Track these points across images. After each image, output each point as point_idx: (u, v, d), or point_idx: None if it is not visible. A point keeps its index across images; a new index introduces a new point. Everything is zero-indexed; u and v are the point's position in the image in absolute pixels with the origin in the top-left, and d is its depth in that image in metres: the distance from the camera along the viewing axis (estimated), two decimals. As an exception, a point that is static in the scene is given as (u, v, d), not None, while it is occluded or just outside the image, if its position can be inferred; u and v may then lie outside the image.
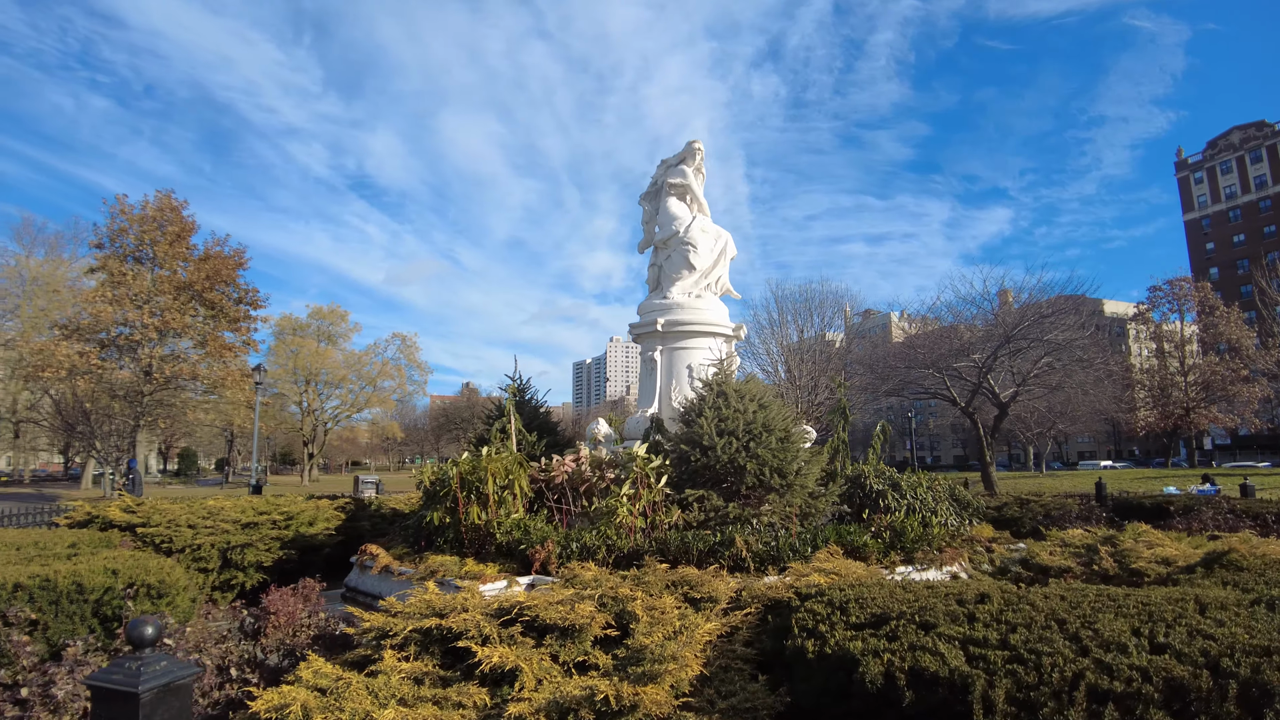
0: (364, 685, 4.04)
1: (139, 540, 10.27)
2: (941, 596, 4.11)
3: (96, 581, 5.60)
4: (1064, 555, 7.17)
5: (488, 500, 9.65)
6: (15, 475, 63.30)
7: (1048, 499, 16.24)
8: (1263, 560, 5.82)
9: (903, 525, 9.37)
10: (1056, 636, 3.38)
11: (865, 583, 4.81)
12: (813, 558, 7.39)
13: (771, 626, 4.48)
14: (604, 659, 4.33)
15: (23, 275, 43.65)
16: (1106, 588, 4.46)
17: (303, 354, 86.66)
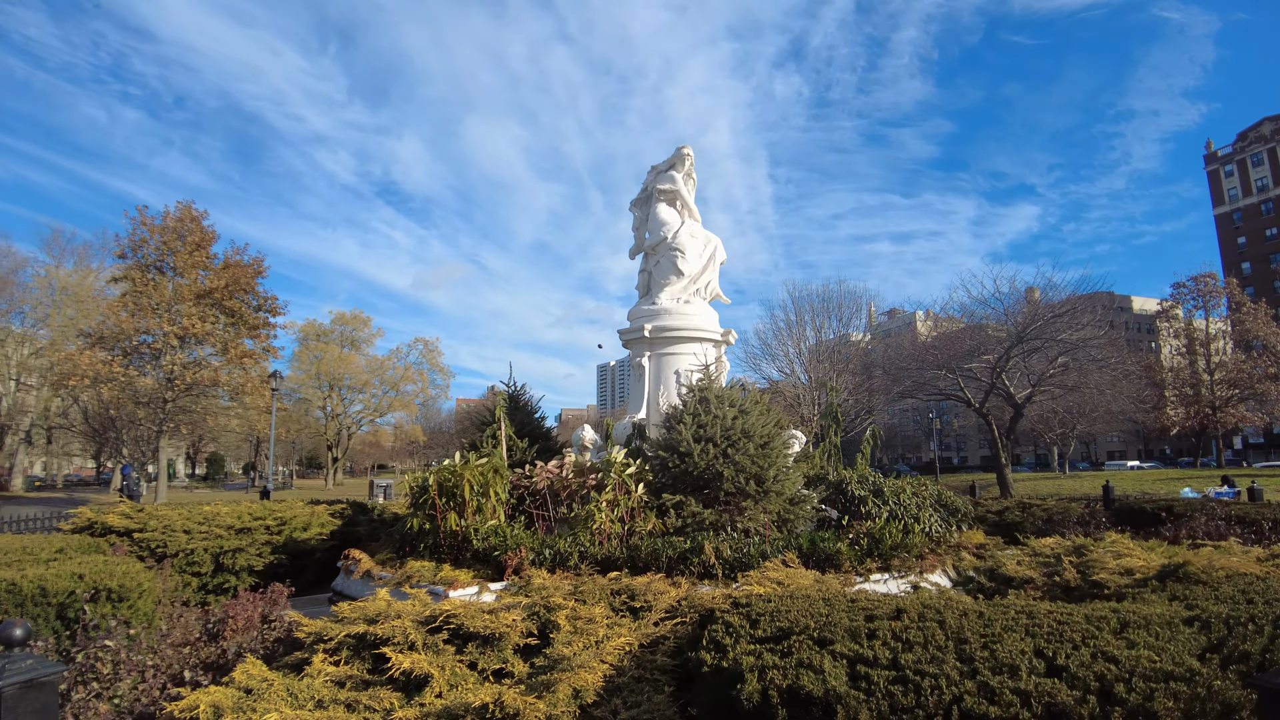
0: (285, 687, 4.15)
1: (135, 545, 10.55)
2: (854, 610, 4.11)
3: (60, 585, 5.80)
4: (1030, 566, 7.09)
5: (465, 507, 9.78)
6: (49, 480, 65.10)
7: (1051, 503, 15.99)
8: (1222, 574, 5.72)
9: (881, 532, 9.31)
10: (950, 657, 3.37)
11: (795, 594, 4.82)
12: (763, 566, 7.37)
13: (693, 637, 4.51)
14: (521, 667, 4.41)
15: (52, 285, 44.90)
16: (1034, 603, 4.43)
17: (326, 359, 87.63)
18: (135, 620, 6.00)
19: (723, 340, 13.47)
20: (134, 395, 34.33)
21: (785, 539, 9.14)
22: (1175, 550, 7.68)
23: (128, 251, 36.22)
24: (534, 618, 4.89)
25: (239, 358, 39.62)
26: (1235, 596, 4.79)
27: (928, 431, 79.57)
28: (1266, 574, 6.04)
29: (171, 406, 36.89)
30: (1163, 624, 3.90)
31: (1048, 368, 26.10)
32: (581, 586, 5.80)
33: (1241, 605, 4.44)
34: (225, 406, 46.94)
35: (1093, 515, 14.09)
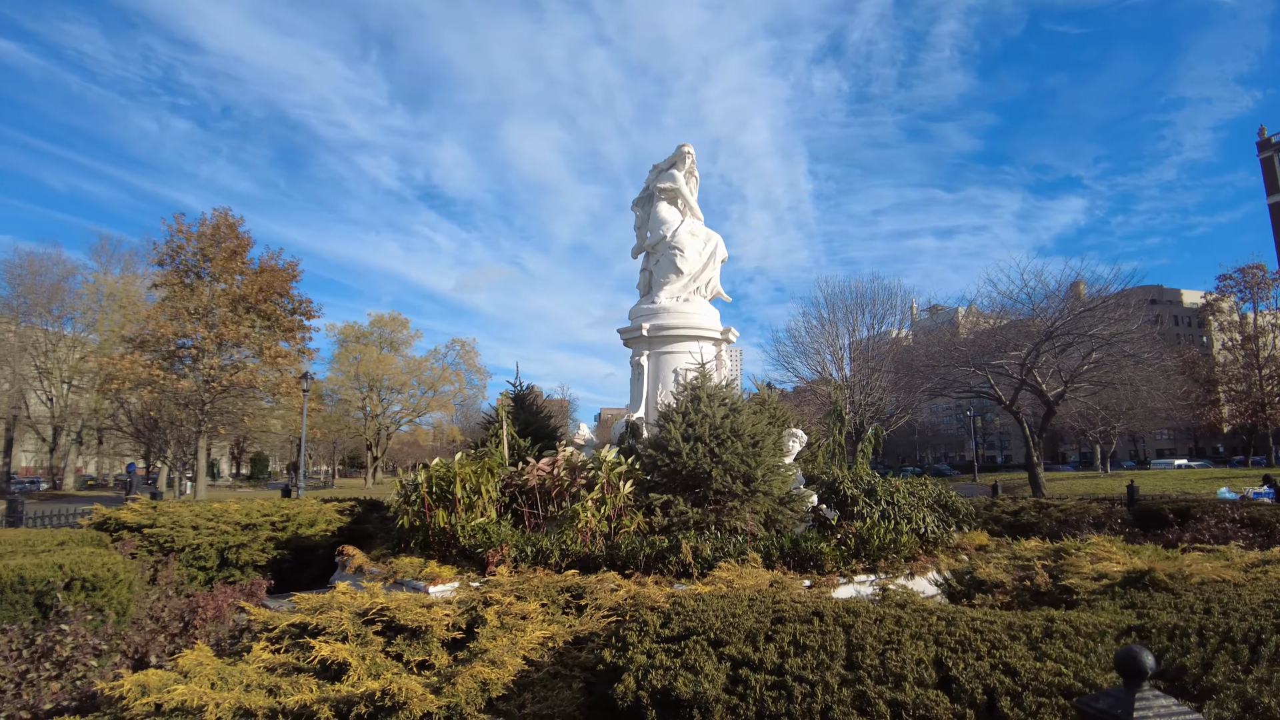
0: (216, 670, 4.29)
1: (146, 539, 10.94)
2: (766, 613, 4.07)
3: (39, 575, 6.08)
4: (1007, 569, 6.90)
5: (456, 505, 9.91)
6: (101, 479, 67.75)
7: (1071, 504, 15.56)
8: (1196, 580, 5.51)
9: (869, 533, 9.17)
10: (837, 664, 3.32)
11: (725, 595, 4.81)
12: (718, 566, 7.32)
13: (609, 634, 4.53)
14: (445, 659, 4.47)
15: (100, 291, 46.77)
16: (964, 610, 4.32)
17: (365, 361, 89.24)
18: (109, 608, 6.25)
19: (723, 339, 13.40)
20: (174, 398, 35.53)
21: (771, 539, 9.07)
22: (1163, 554, 7.41)
23: (166, 258, 37.50)
24: (468, 613, 4.95)
25: (274, 359, 40.72)
26: (1194, 606, 4.59)
27: (971, 429, 77.77)
28: (1246, 581, 5.80)
29: (210, 408, 38.10)
30: (1091, 634, 3.78)
31: (1080, 364, 25.29)
32: (525, 584, 5.84)
33: (1196, 615, 4.26)
34: (268, 407, 48.37)
35: (1109, 516, 13.67)
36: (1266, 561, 6.50)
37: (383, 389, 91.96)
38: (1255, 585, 5.21)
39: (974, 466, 60.99)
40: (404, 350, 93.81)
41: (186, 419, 37.25)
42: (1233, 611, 4.31)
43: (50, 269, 46.43)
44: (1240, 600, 4.59)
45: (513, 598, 5.30)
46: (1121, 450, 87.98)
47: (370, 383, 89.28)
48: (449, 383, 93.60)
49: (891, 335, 49.54)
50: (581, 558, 8.88)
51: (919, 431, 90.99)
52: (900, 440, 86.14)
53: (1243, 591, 4.92)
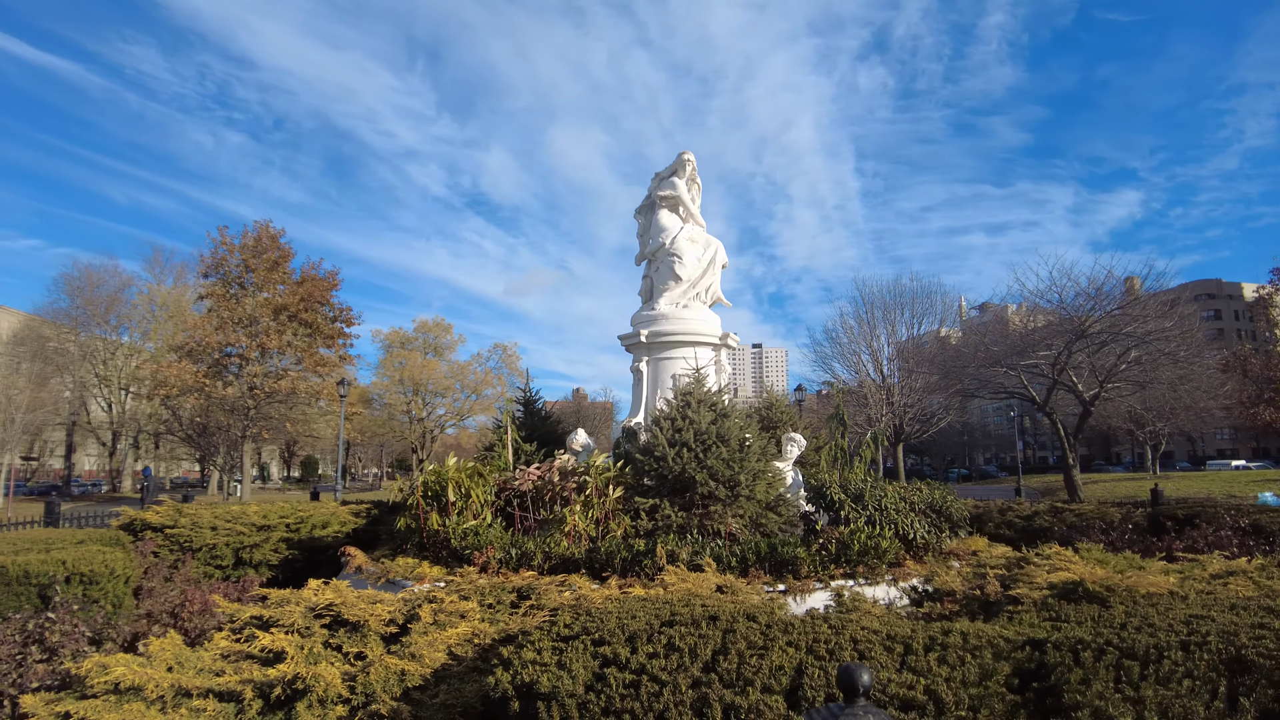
0: (174, 655, 4.69)
1: (168, 539, 11.61)
2: (659, 614, 4.26)
3: (43, 569, 6.65)
4: (967, 578, 6.93)
5: (449, 508, 10.29)
6: (158, 482, 70.80)
7: (1088, 508, 15.20)
8: (1134, 593, 5.48)
9: (850, 538, 9.23)
10: (695, 666, 3.49)
11: (643, 598, 5.01)
12: (665, 570, 7.48)
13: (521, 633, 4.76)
14: (379, 650, 4.78)
15: (154, 302, 49.05)
16: (848, 618, 4.41)
17: (409, 365, 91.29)
18: (105, 600, 6.77)
19: (722, 344, 13.53)
20: (219, 404, 37.08)
21: (750, 543, 9.19)
22: (1133, 563, 7.34)
23: (211, 269, 39.15)
24: (408, 609, 5.26)
25: (315, 366, 42.13)
26: (1113, 620, 4.55)
27: (1017, 430, 75.83)
28: (1195, 594, 5.75)
29: (254, 414, 39.65)
30: (977, 648, 3.83)
31: (1115, 363, 24.50)
32: (469, 584, 6.14)
33: (1108, 630, 4.20)
34: (315, 412, 50.05)
35: (1123, 522, 13.34)
36: (1231, 573, 6.41)
37: (426, 393, 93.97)
38: (1197, 600, 5.15)
39: (1018, 467, 59.38)
40: (447, 355, 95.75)
41: (232, 424, 38.83)
42: (1149, 626, 4.29)
43: (107, 280, 49.00)
44: (1167, 615, 4.56)
45: (455, 596, 5.60)
46: (1180, 450, 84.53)
47: (415, 387, 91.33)
48: (491, 386, 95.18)
49: (931, 335, 48.63)
50: (564, 560, 9.14)
51: (969, 433, 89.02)
52: (949, 442, 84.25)
53: (1175, 605, 4.88)
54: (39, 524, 12.55)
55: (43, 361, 46.03)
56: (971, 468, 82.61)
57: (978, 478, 71.37)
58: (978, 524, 15.29)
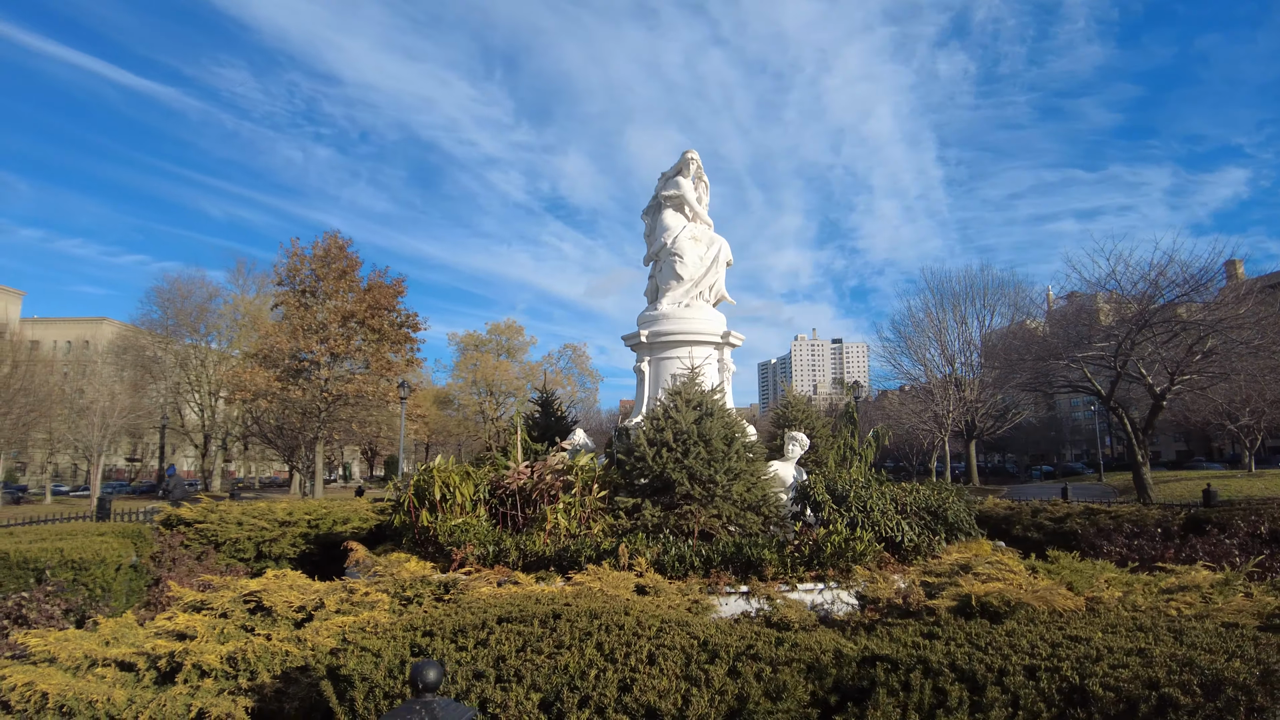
0: (112, 632, 5.20)
1: (198, 534, 12.50)
2: (499, 613, 4.39)
3: (41, 556, 7.36)
4: (911, 586, 6.74)
5: (437, 506, 10.66)
6: (248, 482, 75.70)
7: (1126, 509, 14.32)
8: (1050, 607, 5.23)
9: (823, 540, 9.07)
10: (484, 661, 3.62)
11: (532, 595, 5.14)
12: (585, 568, 7.53)
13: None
14: (284, 633, 5.11)
15: (237, 311, 52.40)
16: (688, 624, 4.42)
17: (482, 367, 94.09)
18: (94, 585, 7.43)
19: (724, 342, 13.43)
20: (291, 407, 39.28)
21: (719, 543, 9.14)
22: (1084, 573, 6.96)
23: (285, 279, 41.49)
24: (317, 598, 5.56)
25: (381, 370, 44.03)
26: (979, 637, 4.31)
27: (1099, 424, 71.45)
28: (1115, 612, 5.45)
29: (325, 416, 41.80)
30: (782, 661, 3.77)
31: (1186, 354, 22.73)
32: (381, 578, 6.41)
33: (965, 649, 3.98)
34: (393, 414, 52.35)
35: (1154, 526, 12.51)
36: (1184, 588, 6.01)
37: (499, 393, 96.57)
38: (1100, 621, 4.79)
39: (1100, 464, 56.08)
40: (519, 356, 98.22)
41: (304, 426, 41.07)
42: (1010, 647, 4.04)
43: (195, 291, 52.69)
44: (1044, 635, 4.28)
45: (371, 588, 5.87)
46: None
47: (488, 387, 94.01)
48: (561, 386, 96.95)
49: (1008, 328, 46.42)
50: (538, 558, 9.33)
51: (1056, 428, 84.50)
52: (1038, 437, 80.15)
53: (1070, 624, 4.60)
54: (90, 517, 13.72)
55: (141, 370, 49.91)
56: (1057, 464, 78.20)
57: (1061, 475, 67.56)
58: (1006, 525, 14.65)
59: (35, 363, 42.29)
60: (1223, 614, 5.06)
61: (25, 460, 51.75)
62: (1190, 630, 4.18)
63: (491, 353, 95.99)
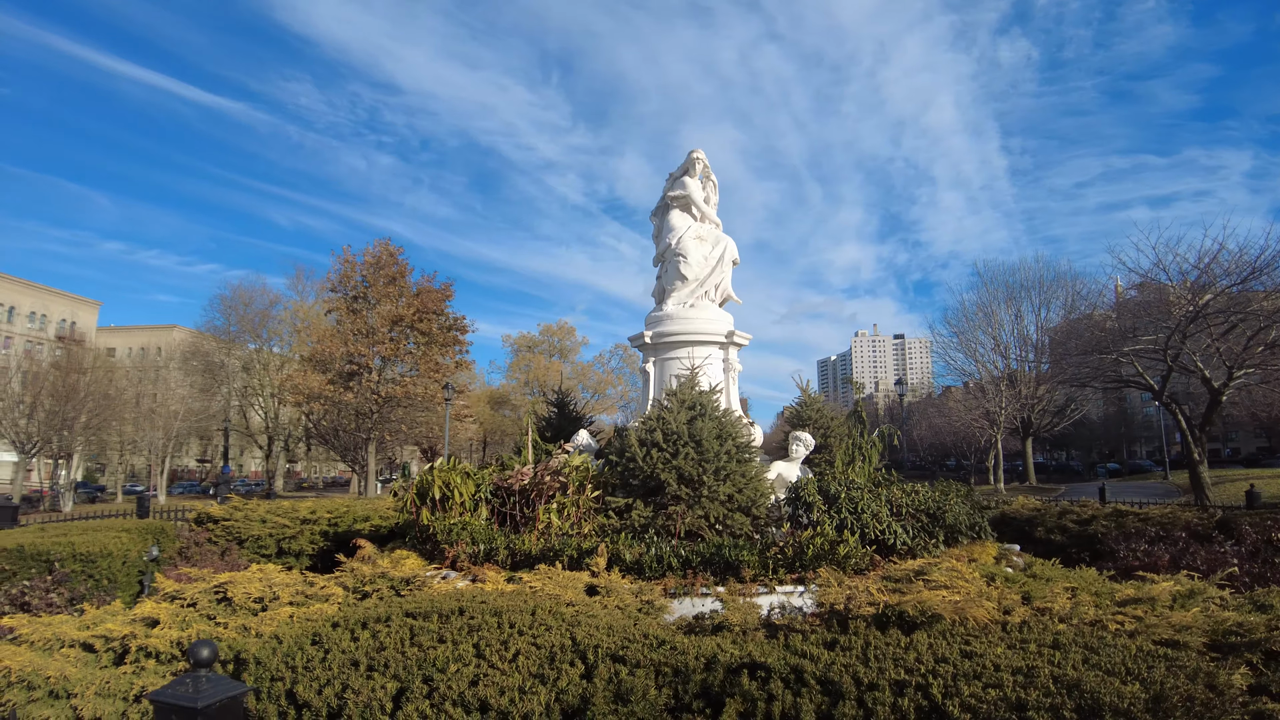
0: (94, 618, 5.63)
1: (224, 531, 13.19)
2: (422, 607, 4.57)
3: (52, 549, 7.96)
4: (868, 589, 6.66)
5: (435, 505, 10.99)
6: (312, 482, 78.83)
7: (1157, 511, 13.68)
8: (969, 624, 5.09)
9: (806, 542, 9.02)
10: (360, 650, 3.82)
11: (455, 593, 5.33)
12: (536, 568, 7.63)
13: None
14: (239, 621, 5.45)
15: (296, 317, 54.65)
16: (561, 624, 4.50)
17: (535, 368, 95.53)
18: (99, 575, 7.99)
19: (729, 342, 13.39)
20: (343, 409, 40.76)
21: (702, 544, 9.16)
22: (1054, 579, 6.74)
23: (337, 285, 43.08)
24: (275, 590, 5.88)
25: (429, 372, 45.26)
26: (869, 649, 4.22)
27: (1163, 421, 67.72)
28: (1033, 625, 5.26)
29: (377, 418, 43.23)
30: (644, 665, 3.80)
31: (1246, 346, 21.36)
32: (349, 574, 6.68)
33: (843, 659, 3.92)
34: (451, 412, 53.81)
35: (1182, 529, 11.92)
36: (1137, 600, 5.80)
37: (551, 393, 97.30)
38: (1011, 636, 4.59)
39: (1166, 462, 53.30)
40: (571, 357, 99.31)
41: (358, 428, 42.59)
42: (901, 662, 3.95)
43: (257, 298, 55.26)
44: (940, 650, 4.16)
45: (330, 582, 6.17)
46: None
47: (541, 388, 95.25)
48: (613, 385, 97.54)
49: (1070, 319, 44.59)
50: (525, 556, 9.54)
51: (1126, 424, 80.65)
52: (1107, 434, 76.63)
53: (974, 641, 4.41)
54: (131, 515, 14.62)
55: (207, 375, 52.56)
56: (1124, 462, 74.48)
57: (1128, 473, 64.28)
58: (1029, 528, 14.17)
59: (107, 369, 45.07)
60: (1164, 630, 4.87)
61: (104, 461, 55.18)
62: (1108, 648, 4.04)
63: (544, 354, 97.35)
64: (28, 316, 71.01)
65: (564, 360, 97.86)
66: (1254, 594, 6.01)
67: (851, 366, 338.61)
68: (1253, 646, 4.73)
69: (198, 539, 12.52)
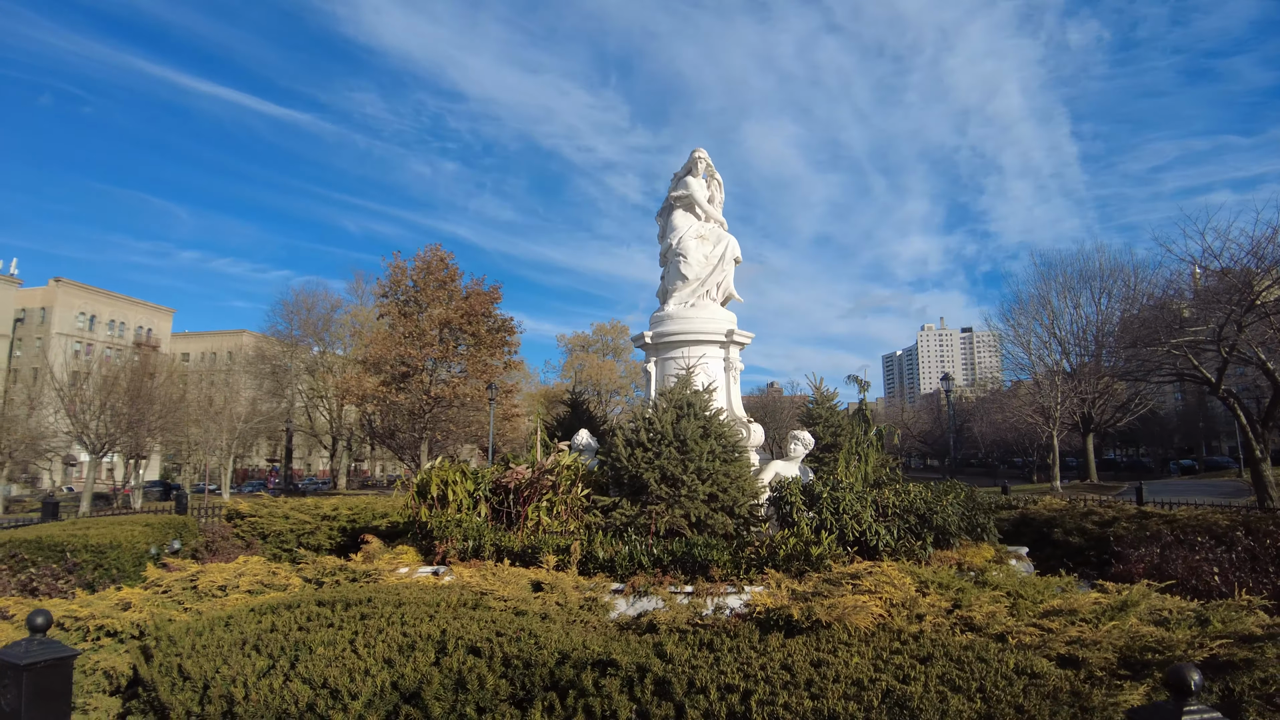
0: (87, 600, 6.18)
1: (251, 526, 13.98)
2: (334, 596, 4.88)
3: (67, 541, 8.68)
4: (773, 593, 6.68)
5: (435, 503, 11.40)
6: (376, 480, 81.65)
7: (1182, 513, 13.01)
8: (812, 623, 5.07)
9: (779, 543, 9.03)
10: (253, 638, 4.14)
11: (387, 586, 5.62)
12: (468, 564, 7.82)
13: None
14: (197, 607, 5.91)
15: (355, 320, 56.82)
16: (442, 616, 4.70)
17: (588, 367, 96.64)
18: (109, 565, 8.66)
19: (728, 340, 13.38)
20: (396, 410, 42.21)
21: (672, 544, 9.26)
22: (959, 586, 6.59)
23: (389, 290, 44.60)
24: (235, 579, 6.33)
25: (477, 373, 46.42)
26: (728, 651, 4.32)
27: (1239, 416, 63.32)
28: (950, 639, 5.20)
29: (429, 418, 44.61)
30: (494, 657, 3.99)
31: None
32: (304, 564, 7.10)
33: (679, 657, 4.06)
34: (500, 415, 55.15)
35: (1204, 533, 11.32)
36: (1060, 611, 5.65)
37: (604, 391, 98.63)
38: (870, 648, 4.54)
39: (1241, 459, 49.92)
40: (624, 356, 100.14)
41: (408, 428, 44.07)
42: (743, 669, 3.97)
43: (319, 303, 57.73)
44: (789, 657, 4.14)
45: (292, 573, 6.61)
46: None
47: (594, 387, 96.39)
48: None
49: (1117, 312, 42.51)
50: (509, 552, 9.84)
51: (1205, 418, 76.00)
52: (1184, 429, 72.44)
53: (839, 650, 4.38)
54: (169, 510, 15.63)
55: (274, 378, 55.19)
56: (1202, 458, 69.99)
57: (1204, 470, 60.37)
58: (1048, 529, 13.69)
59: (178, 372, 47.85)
60: (1060, 645, 4.77)
61: (181, 461, 58.60)
62: (978, 664, 3.96)
63: (597, 353, 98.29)
64: (107, 325, 76.27)
65: (617, 359, 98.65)
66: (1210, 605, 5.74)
67: (918, 362, 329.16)
68: (1164, 665, 4.57)
69: (225, 533, 13.31)
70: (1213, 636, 4.59)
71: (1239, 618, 5.03)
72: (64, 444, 39.85)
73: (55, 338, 70.57)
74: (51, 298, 74.36)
